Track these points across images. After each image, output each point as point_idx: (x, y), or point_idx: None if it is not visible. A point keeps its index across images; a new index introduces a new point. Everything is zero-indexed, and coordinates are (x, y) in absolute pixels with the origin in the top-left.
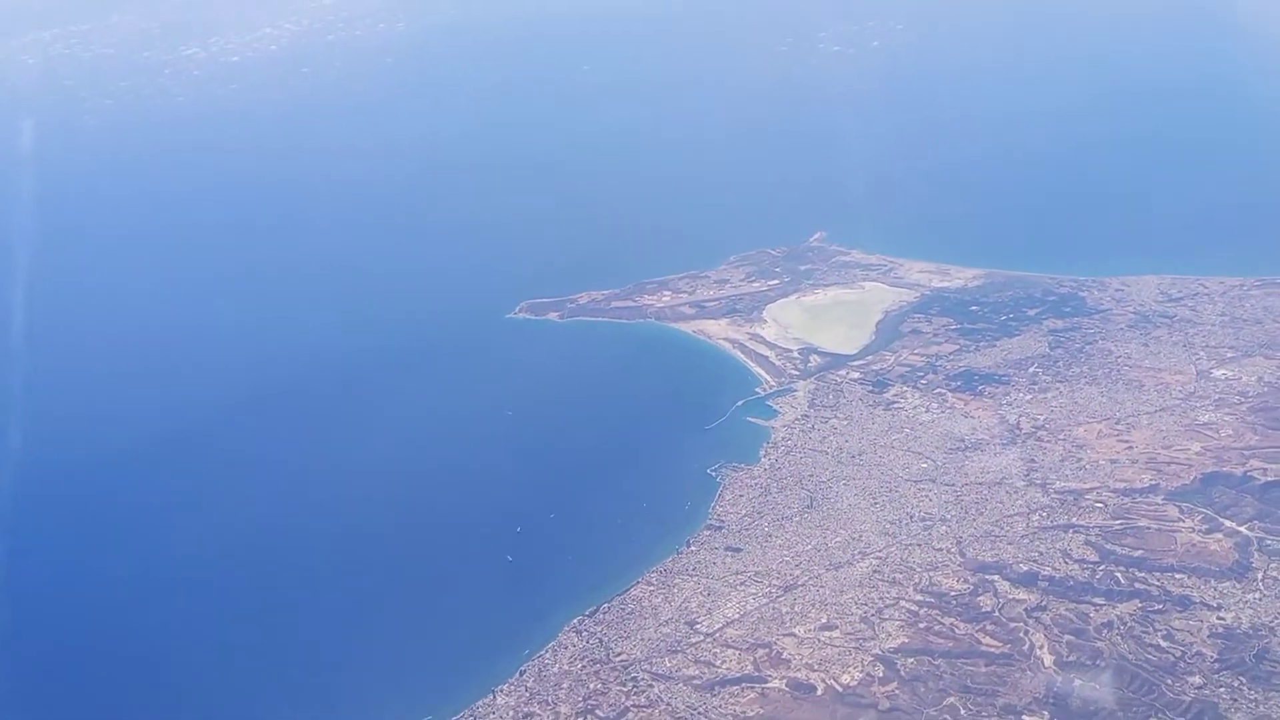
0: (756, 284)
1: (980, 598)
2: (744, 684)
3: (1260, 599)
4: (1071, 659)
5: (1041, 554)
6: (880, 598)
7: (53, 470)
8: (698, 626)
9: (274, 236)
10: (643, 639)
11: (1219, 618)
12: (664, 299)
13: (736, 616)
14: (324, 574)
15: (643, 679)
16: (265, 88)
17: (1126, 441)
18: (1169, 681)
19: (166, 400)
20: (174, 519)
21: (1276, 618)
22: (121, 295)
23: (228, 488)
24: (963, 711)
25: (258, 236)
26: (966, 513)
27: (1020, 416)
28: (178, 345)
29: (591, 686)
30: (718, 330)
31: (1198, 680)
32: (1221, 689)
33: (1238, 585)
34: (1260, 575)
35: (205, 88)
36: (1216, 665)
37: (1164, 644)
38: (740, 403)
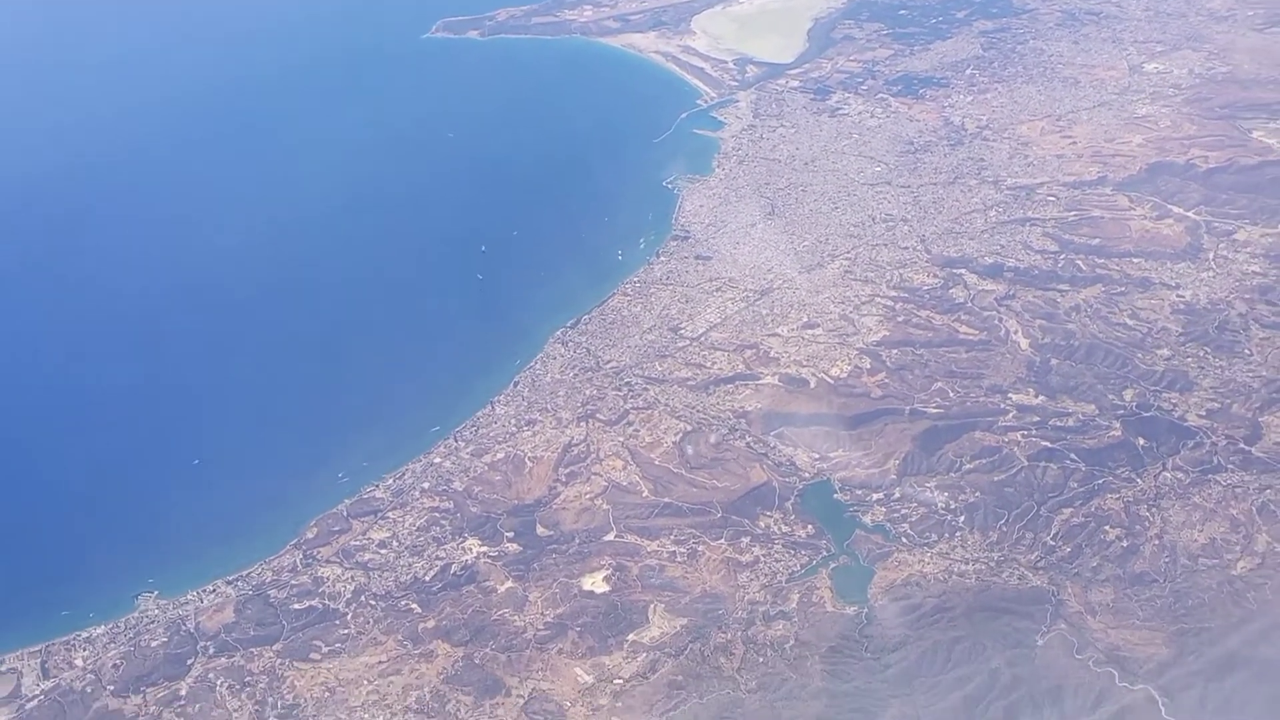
0: None
1: (952, 290)
2: (738, 382)
3: (1214, 276)
4: (1046, 341)
5: (1004, 246)
6: (855, 295)
7: None
8: (682, 332)
9: None
10: (629, 346)
11: (1178, 295)
12: (586, 14)
13: (718, 321)
14: (291, 304)
15: (637, 384)
16: None
17: (1069, 137)
18: (1140, 355)
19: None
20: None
21: (1231, 292)
22: None
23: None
24: (951, 394)
25: None
26: (926, 212)
27: (964, 117)
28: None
29: (587, 393)
30: (647, 44)
31: (1166, 353)
32: (1189, 359)
33: (1192, 265)
34: (1212, 255)
35: None
36: (1182, 338)
37: (1130, 322)
38: (684, 115)
